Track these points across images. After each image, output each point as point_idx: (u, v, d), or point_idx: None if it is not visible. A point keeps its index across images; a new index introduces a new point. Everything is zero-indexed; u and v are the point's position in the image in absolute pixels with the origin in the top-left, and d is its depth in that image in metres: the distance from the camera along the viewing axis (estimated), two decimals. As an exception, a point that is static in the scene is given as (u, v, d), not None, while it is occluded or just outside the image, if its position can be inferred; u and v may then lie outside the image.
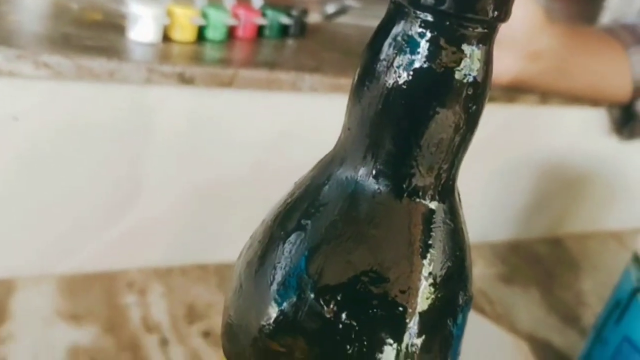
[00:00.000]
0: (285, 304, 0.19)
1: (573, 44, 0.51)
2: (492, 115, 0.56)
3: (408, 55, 0.18)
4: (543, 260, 0.64)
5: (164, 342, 0.40)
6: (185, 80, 0.42)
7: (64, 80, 0.39)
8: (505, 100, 0.54)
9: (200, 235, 0.49)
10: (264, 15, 0.52)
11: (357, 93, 0.19)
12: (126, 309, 0.42)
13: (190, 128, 0.44)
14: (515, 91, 0.54)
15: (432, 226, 0.19)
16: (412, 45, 0.18)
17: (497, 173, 0.61)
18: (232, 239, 0.25)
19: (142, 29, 0.44)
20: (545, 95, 0.55)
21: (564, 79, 0.52)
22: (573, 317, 0.56)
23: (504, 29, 0.50)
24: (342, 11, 0.58)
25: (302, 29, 0.56)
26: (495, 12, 0.17)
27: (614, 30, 0.56)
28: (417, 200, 0.19)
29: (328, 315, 0.18)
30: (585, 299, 0.59)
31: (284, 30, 0.54)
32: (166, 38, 0.45)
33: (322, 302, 0.18)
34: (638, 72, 0.55)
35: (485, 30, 0.17)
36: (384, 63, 0.18)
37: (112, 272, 0.46)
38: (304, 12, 0.56)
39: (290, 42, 0.54)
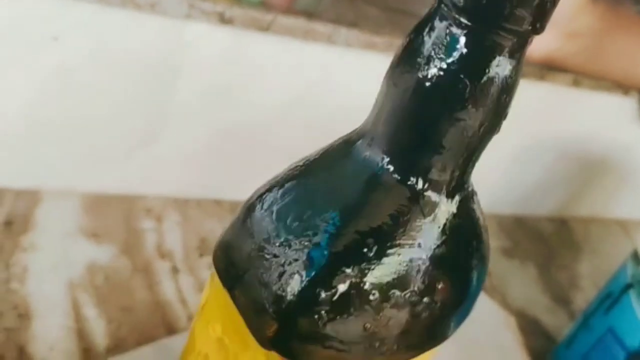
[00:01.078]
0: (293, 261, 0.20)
1: (612, 26, 0.50)
2: (521, 92, 0.56)
3: (442, 55, 0.18)
4: (546, 239, 0.66)
5: (175, 270, 0.43)
6: (224, 20, 0.42)
7: (106, 5, 0.39)
8: (536, 77, 0.54)
9: (220, 172, 0.51)
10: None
11: (391, 79, 0.20)
12: (142, 234, 0.45)
13: (223, 67, 0.45)
14: (548, 69, 0.54)
15: (440, 219, 0.20)
16: (448, 45, 0.18)
17: (513, 148, 0.62)
18: (249, 180, 0.26)
19: (187, -38, 0.43)
20: (579, 77, 0.55)
21: (598, 60, 0.52)
22: (565, 299, 0.58)
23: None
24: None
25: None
26: (530, 26, 0.17)
27: None
28: (430, 193, 0.20)
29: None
30: (579, 282, 0.61)
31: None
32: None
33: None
34: None
35: (519, 41, 0.18)
36: (419, 57, 0.19)
37: (133, 195, 0.48)
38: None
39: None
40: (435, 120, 0.19)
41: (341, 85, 0.48)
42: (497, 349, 0.47)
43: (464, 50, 0.18)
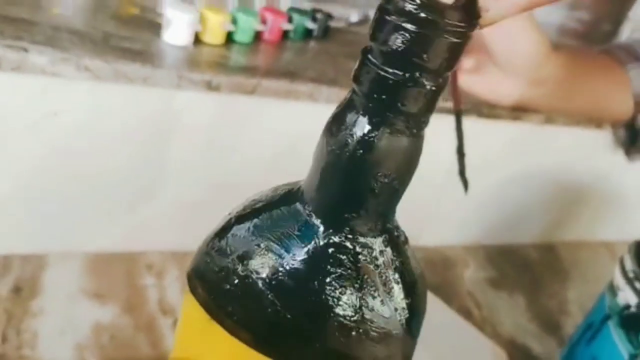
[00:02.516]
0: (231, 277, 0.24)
1: (574, 68, 0.53)
2: (497, 132, 0.59)
3: (349, 133, 0.21)
4: (533, 267, 0.68)
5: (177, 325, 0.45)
6: (211, 87, 0.45)
7: (101, 82, 0.42)
8: (510, 118, 0.57)
9: (214, 224, 0.53)
10: (290, 18, 0.55)
11: (316, 150, 0.23)
12: (144, 290, 0.47)
13: (213, 130, 0.48)
14: (520, 110, 0.57)
15: (358, 262, 0.23)
16: (353, 125, 0.21)
17: (496, 183, 0.64)
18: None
19: (175, 33, 0.47)
20: (551, 115, 0.58)
21: (565, 101, 0.54)
22: (554, 326, 0.60)
23: (511, 58, 0.52)
24: (364, 21, 0.60)
25: (325, 32, 0.58)
26: (421, 110, 0.20)
27: (610, 50, 0.58)
28: (350, 238, 0.23)
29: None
30: (568, 308, 0.63)
31: (307, 33, 0.57)
32: (197, 39, 0.48)
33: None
34: (637, 86, 0.57)
35: (413, 119, 0.21)
36: (336, 135, 0.22)
37: (133, 253, 0.50)
38: (329, 17, 0.58)
39: (312, 44, 0.57)
40: (351, 181, 0.22)
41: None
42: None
43: (367, 128, 0.21)
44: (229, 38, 0.50)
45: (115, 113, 0.45)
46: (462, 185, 0.49)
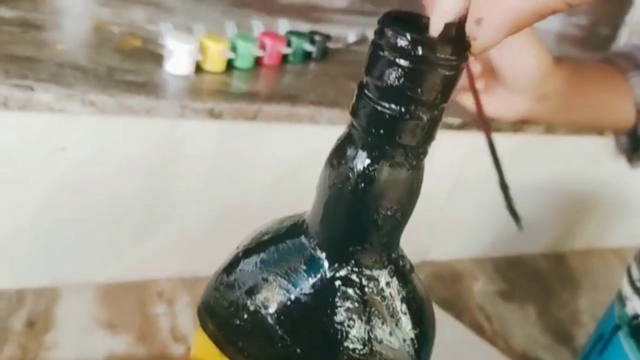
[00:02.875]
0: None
1: (576, 80, 0.53)
2: (500, 143, 0.59)
3: (350, 164, 0.22)
4: (543, 277, 0.68)
5: (190, 352, 0.45)
6: (214, 115, 0.46)
7: (107, 115, 0.43)
8: (511, 130, 0.57)
9: (223, 248, 0.53)
10: (288, 42, 0.55)
11: (319, 184, 0.23)
12: (156, 319, 0.48)
13: (217, 156, 0.49)
14: (522, 121, 0.57)
15: (363, 295, 0.23)
16: (353, 159, 0.22)
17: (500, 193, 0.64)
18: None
19: (177, 63, 0.47)
20: (551, 126, 0.58)
21: (569, 113, 0.55)
22: (566, 337, 0.60)
23: (515, 74, 0.53)
24: (361, 41, 0.60)
25: (323, 54, 0.59)
26: (420, 142, 0.21)
27: (611, 59, 0.58)
28: (356, 271, 0.23)
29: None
30: (580, 318, 0.63)
31: (307, 55, 0.58)
32: (198, 68, 0.49)
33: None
34: (639, 95, 0.57)
35: (412, 151, 0.21)
36: (339, 169, 0.22)
37: (144, 281, 0.51)
38: (327, 38, 0.59)
39: (312, 66, 0.58)
40: (354, 215, 0.22)
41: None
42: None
43: (367, 162, 0.21)
44: (230, 65, 0.51)
45: (121, 145, 0.45)
46: (513, 219, 0.49)
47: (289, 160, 0.51)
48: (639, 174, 0.71)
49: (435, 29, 0.19)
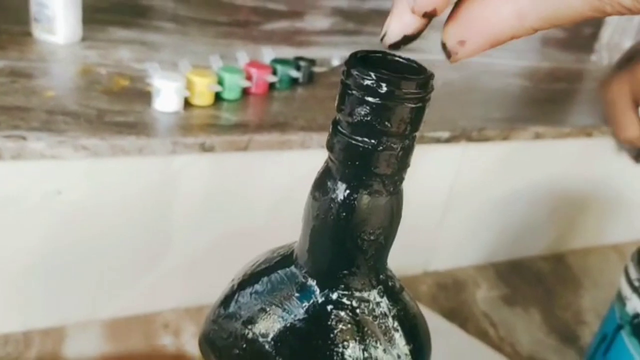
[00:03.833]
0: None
1: None
2: (489, 152, 0.60)
3: (331, 196, 0.23)
4: (545, 279, 0.68)
5: (197, 383, 0.46)
6: (205, 149, 0.47)
7: (99, 157, 0.44)
8: (500, 138, 0.58)
9: (224, 276, 0.54)
10: (274, 70, 0.57)
11: (304, 215, 0.24)
12: (164, 351, 0.48)
13: (211, 187, 0.49)
14: (509, 130, 0.58)
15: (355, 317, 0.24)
16: (332, 190, 0.23)
17: (497, 200, 0.65)
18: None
19: (165, 101, 0.48)
20: (539, 131, 0.59)
21: None
22: (573, 337, 0.60)
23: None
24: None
25: (310, 78, 0.60)
26: (395, 169, 0.22)
27: None
28: (346, 294, 0.24)
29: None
30: (584, 318, 0.63)
31: (293, 82, 0.59)
32: (187, 103, 0.50)
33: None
34: None
35: (389, 179, 0.22)
36: (321, 201, 0.23)
37: (149, 314, 0.52)
38: (312, 62, 0.60)
39: (299, 91, 0.59)
40: (339, 243, 0.23)
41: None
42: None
43: (346, 193, 0.22)
44: (218, 97, 0.52)
45: (116, 185, 0.46)
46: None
47: (282, 186, 0.52)
48: (630, 170, 0.72)
49: (392, 38, 0.20)
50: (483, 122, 0.59)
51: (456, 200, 0.63)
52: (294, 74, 0.58)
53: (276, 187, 0.52)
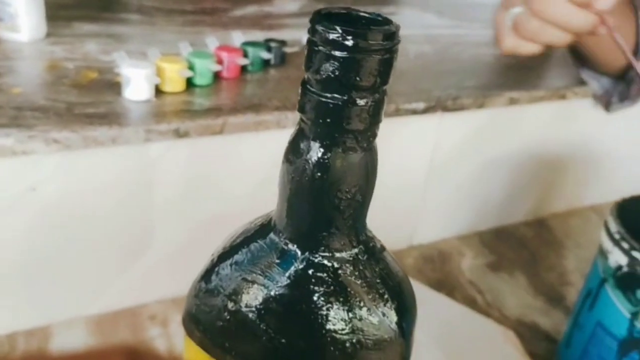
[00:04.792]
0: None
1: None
2: (466, 121, 0.60)
3: (305, 157, 0.22)
4: (528, 244, 0.69)
5: (189, 370, 0.46)
6: (180, 134, 0.46)
7: (72, 150, 0.43)
8: (475, 106, 0.58)
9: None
10: (245, 53, 0.56)
11: (280, 180, 0.24)
12: (152, 342, 0.48)
13: (190, 173, 0.49)
14: (484, 97, 0.58)
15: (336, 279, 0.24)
16: (307, 150, 0.22)
17: (477, 169, 0.66)
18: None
19: (136, 89, 0.48)
20: (513, 97, 0.59)
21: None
22: (558, 297, 0.61)
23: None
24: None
25: (282, 59, 0.60)
26: (368, 124, 0.22)
27: None
28: (327, 256, 0.24)
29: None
30: (568, 278, 0.64)
31: (265, 63, 0.58)
32: (158, 91, 0.50)
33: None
34: None
35: (362, 135, 0.22)
36: (294, 163, 0.23)
37: (135, 307, 0.51)
38: (283, 43, 0.60)
39: (272, 72, 0.59)
40: (316, 204, 0.23)
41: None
42: (503, 365, 0.50)
43: (320, 152, 0.22)
44: (189, 83, 0.52)
45: (92, 177, 0.46)
46: None
47: (261, 166, 0.52)
48: (607, 131, 0.73)
49: None
50: (457, 91, 0.59)
51: (436, 172, 0.63)
52: (266, 55, 0.58)
53: (255, 168, 0.51)
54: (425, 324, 0.29)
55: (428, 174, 0.63)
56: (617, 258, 0.45)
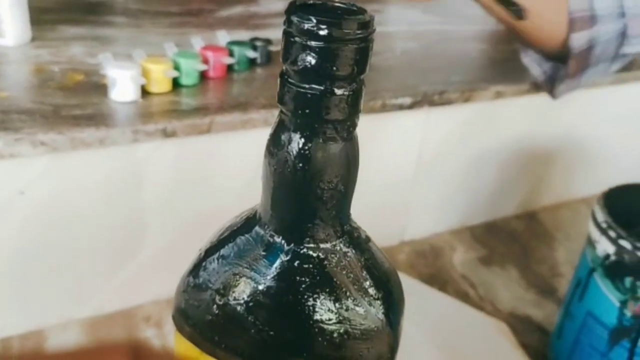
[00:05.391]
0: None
1: None
2: (452, 116, 0.61)
3: (286, 149, 0.23)
4: (519, 237, 0.69)
5: (182, 370, 0.46)
6: (167, 134, 0.46)
7: (60, 152, 0.43)
8: (461, 100, 0.59)
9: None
10: (230, 52, 0.56)
11: (263, 173, 0.24)
12: (147, 343, 0.48)
13: (178, 173, 0.49)
14: (470, 91, 0.59)
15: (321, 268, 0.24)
16: (287, 142, 0.23)
17: (466, 163, 0.66)
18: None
19: (122, 90, 0.48)
20: (499, 90, 0.59)
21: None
22: (550, 290, 0.61)
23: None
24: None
25: (268, 58, 0.60)
26: (347, 115, 0.22)
27: None
28: (312, 247, 0.24)
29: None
30: (560, 270, 0.64)
31: (251, 62, 0.59)
32: (145, 91, 0.50)
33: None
34: (574, 4, 0.54)
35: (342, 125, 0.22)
36: (275, 156, 0.23)
37: (129, 308, 0.51)
38: (268, 42, 0.60)
39: (258, 71, 0.59)
40: (299, 195, 0.23)
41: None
42: (495, 357, 0.51)
43: (301, 143, 0.22)
44: (175, 83, 0.52)
45: (80, 179, 0.45)
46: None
47: (249, 165, 0.52)
48: (595, 123, 0.73)
49: None
50: (444, 86, 0.59)
51: (425, 168, 0.63)
52: (251, 54, 0.58)
53: (244, 167, 0.51)
54: (418, 318, 0.29)
55: (416, 169, 0.63)
56: (605, 247, 0.45)
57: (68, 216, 0.46)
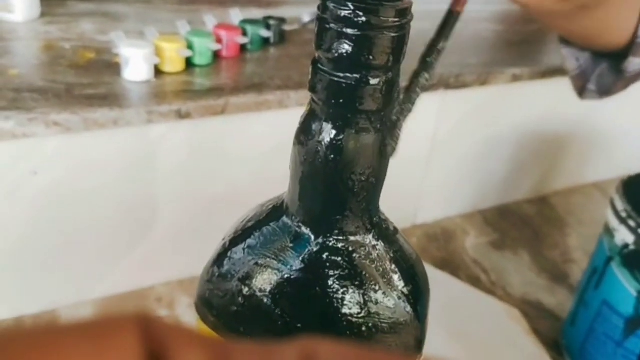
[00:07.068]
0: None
1: None
2: (468, 98, 0.60)
3: (317, 139, 0.22)
4: (531, 222, 0.69)
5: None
6: (182, 115, 0.45)
7: (73, 133, 0.43)
8: (478, 84, 0.58)
9: (214, 244, 0.54)
10: (244, 31, 0.55)
11: (291, 162, 0.24)
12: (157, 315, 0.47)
13: (192, 155, 0.48)
14: (486, 74, 0.58)
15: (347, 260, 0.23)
16: (317, 132, 0.22)
17: (480, 146, 0.65)
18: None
19: (135, 70, 0.47)
20: (516, 73, 0.58)
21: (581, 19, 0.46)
22: (562, 275, 0.61)
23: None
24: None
25: (281, 37, 0.59)
26: (380, 105, 0.21)
27: None
28: (341, 239, 0.23)
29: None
30: (572, 255, 0.64)
31: (265, 42, 0.57)
32: (158, 71, 0.49)
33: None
34: None
35: (375, 116, 0.21)
36: (307, 145, 0.22)
37: (141, 289, 0.51)
38: (282, 21, 0.59)
39: (272, 51, 0.58)
40: (330, 186, 0.22)
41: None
42: (508, 342, 0.50)
43: (333, 133, 0.21)
44: (189, 63, 0.51)
45: (94, 159, 0.45)
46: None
47: (263, 147, 0.51)
48: (609, 108, 0.72)
49: None
50: (460, 68, 0.58)
51: (439, 150, 0.62)
52: (265, 33, 0.57)
53: (258, 149, 0.51)
54: (430, 303, 0.28)
55: (430, 153, 0.62)
56: (624, 236, 0.44)
57: (81, 197, 0.46)
